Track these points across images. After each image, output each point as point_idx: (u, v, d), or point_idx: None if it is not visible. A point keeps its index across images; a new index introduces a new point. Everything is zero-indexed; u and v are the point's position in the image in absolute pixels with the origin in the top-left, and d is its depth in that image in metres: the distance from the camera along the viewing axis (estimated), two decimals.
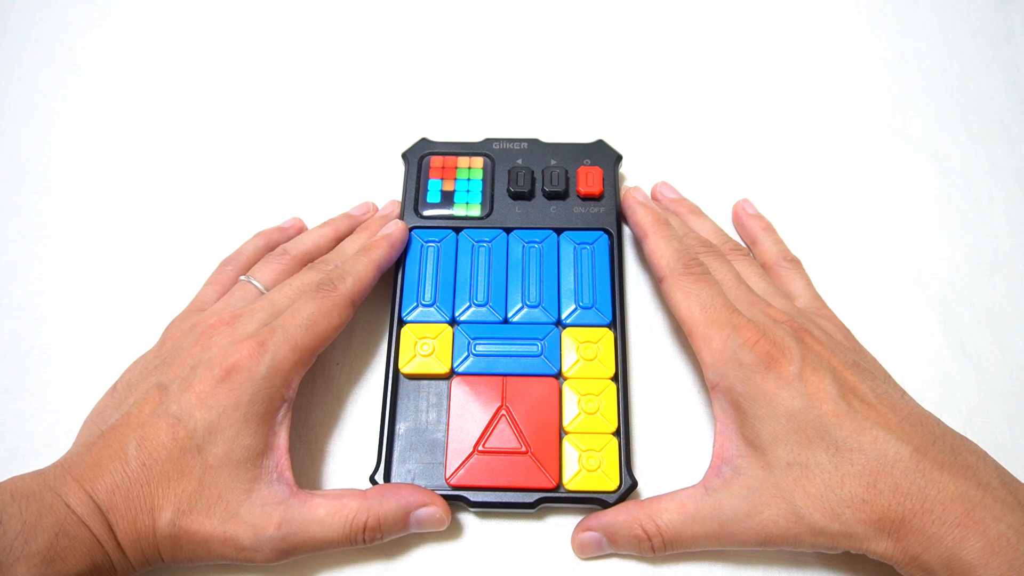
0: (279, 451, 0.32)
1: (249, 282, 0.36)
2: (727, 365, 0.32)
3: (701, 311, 0.33)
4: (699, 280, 0.34)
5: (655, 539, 0.31)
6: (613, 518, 0.32)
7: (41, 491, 0.29)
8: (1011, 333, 0.39)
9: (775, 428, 0.30)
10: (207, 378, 0.31)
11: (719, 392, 0.32)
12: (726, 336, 0.32)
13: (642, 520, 0.31)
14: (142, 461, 0.29)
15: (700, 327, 0.33)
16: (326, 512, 0.31)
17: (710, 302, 0.33)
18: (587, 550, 0.33)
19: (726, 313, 0.33)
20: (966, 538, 0.27)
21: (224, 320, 0.33)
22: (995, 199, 0.43)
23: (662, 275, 0.35)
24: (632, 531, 0.32)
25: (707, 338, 0.32)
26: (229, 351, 0.31)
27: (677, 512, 0.31)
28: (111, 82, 0.48)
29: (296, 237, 0.40)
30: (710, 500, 0.31)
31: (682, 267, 0.34)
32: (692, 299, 0.33)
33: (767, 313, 0.33)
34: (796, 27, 0.50)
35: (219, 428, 0.30)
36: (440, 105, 0.47)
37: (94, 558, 0.28)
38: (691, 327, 0.33)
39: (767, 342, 0.31)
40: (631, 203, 0.39)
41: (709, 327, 0.32)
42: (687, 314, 0.33)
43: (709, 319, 0.33)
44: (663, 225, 0.37)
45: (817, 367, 0.31)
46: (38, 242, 0.43)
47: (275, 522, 0.30)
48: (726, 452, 0.32)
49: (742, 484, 0.31)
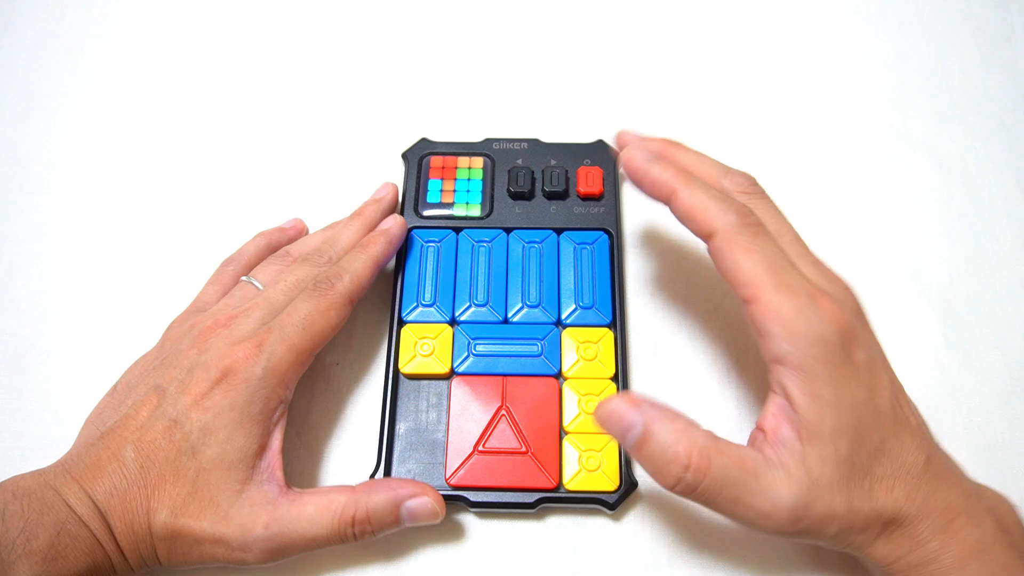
0: (273, 451, 0.32)
1: (250, 283, 0.36)
2: (803, 339, 0.27)
3: (769, 272, 0.28)
4: (759, 234, 0.29)
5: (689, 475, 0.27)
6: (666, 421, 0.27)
7: (42, 490, 0.29)
8: (1011, 333, 0.39)
9: (840, 419, 0.27)
10: (203, 380, 0.31)
11: (788, 367, 0.28)
12: (802, 305, 0.27)
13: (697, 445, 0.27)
14: (139, 463, 0.30)
15: (768, 292, 0.28)
16: (314, 509, 0.31)
17: (777, 262, 0.28)
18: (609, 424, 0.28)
19: (797, 277, 0.28)
20: (948, 543, 0.27)
21: (221, 321, 0.33)
22: (995, 199, 0.43)
23: (711, 230, 0.30)
24: (674, 448, 0.27)
25: (777, 305, 0.27)
26: (226, 353, 0.31)
27: (734, 467, 0.27)
28: (111, 82, 0.48)
29: (299, 239, 0.40)
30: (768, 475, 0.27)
31: (736, 218, 0.29)
32: (756, 257, 0.28)
33: (827, 277, 0.30)
34: (796, 27, 0.50)
35: (214, 430, 0.30)
36: (440, 105, 0.47)
37: (94, 558, 0.28)
38: (756, 290, 0.28)
39: (845, 319, 0.28)
40: (639, 164, 0.32)
41: (779, 291, 0.28)
42: (750, 274, 0.28)
43: (779, 282, 0.28)
44: (691, 176, 0.31)
45: (876, 356, 0.29)
46: (38, 242, 0.43)
47: (263, 522, 0.30)
48: (783, 433, 0.28)
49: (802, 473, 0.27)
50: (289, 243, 0.40)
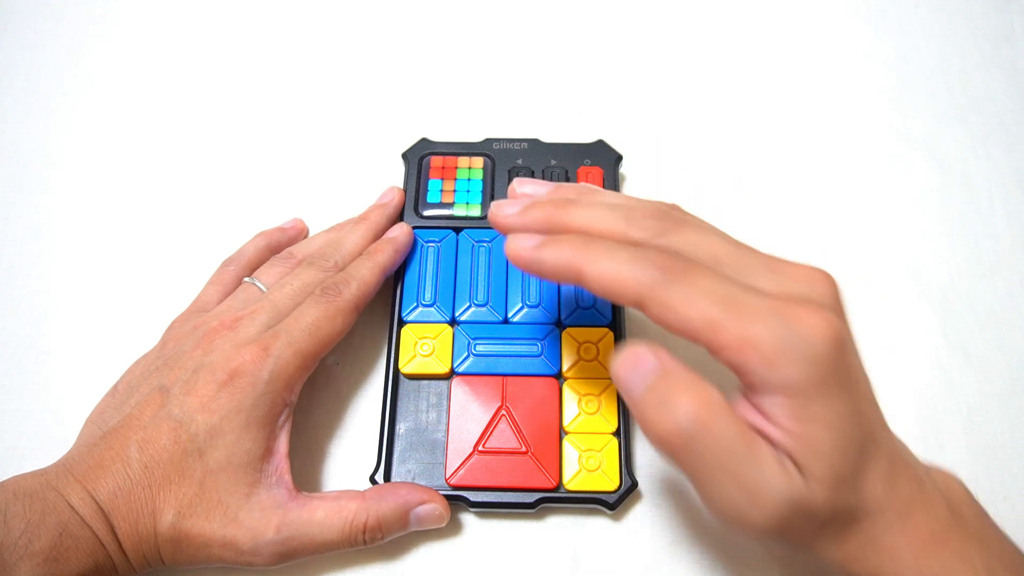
0: (279, 455, 0.32)
1: (253, 284, 0.36)
2: (790, 365, 0.24)
3: (722, 311, 0.24)
4: (690, 278, 0.25)
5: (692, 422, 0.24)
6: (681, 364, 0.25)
7: (44, 491, 0.29)
8: (1011, 333, 0.39)
9: (841, 437, 0.25)
10: (209, 382, 0.31)
11: (772, 395, 0.25)
12: (775, 328, 0.24)
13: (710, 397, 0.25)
14: (144, 464, 0.30)
15: (731, 330, 0.24)
16: (325, 514, 0.31)
17: (726, 295, 0.25)
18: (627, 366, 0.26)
19: (756, 300, 0.25)
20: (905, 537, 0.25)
21: (226, 323, 0.33)
22: (995, 199, 0.43)
23: (639, 297, 0.26)
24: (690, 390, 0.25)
25: (747, 339, 0.24)
26: (232, 355, 0.31)
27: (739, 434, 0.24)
28: (111, 82, 0.48)
29: (302, 241, 0.40)
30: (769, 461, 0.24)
31: (659, 274, 0.25)
32: (700, 303, 0.25)
33: (793, 277, 0.27)
34: (796, 27, 0.50)
35: (221, 432, 0.30)
36: (440, 105, 0.47)
37: (96, 559, 0.28)
38: (717, 335, 0.24)
39: (832, 327, 0.24)
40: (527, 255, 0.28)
41: (743, 324, 0.24)
42: (703, 324, 0.25)
43: (739, 316, 0.24)
44: (590, 244, 0.27)
45: (857, 359, 0.26)
46: (38, 242, 0.43)
47: (274, 525, 0.30)
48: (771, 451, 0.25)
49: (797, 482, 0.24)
50: (290, 243, 0.40)
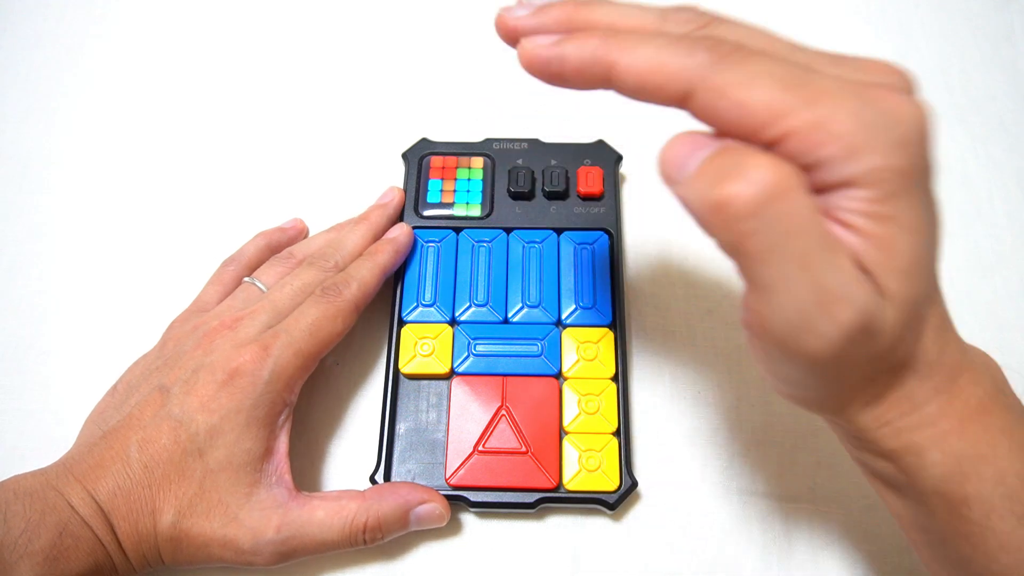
0: (279, 455, 0.32)
1: (253, 284, 0.36)
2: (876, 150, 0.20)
3: (787, 91, 0.20)
4: (747, 59, 0.21)
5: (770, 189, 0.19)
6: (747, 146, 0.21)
7: (44, 490, 0.29)
8: (1011, 333, 0.39)
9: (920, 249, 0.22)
10: (209, 382, 0.31)
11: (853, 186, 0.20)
12: (855, 109, 0.20)
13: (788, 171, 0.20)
14: (143, 463, 0.30)
15: (800, 113, 0.20)
16: (325, 514, 0.31)
17: (789, 75, 0.20)
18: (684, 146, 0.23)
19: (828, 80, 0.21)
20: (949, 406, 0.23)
21: (226, 323, 0.33)
22: (995, 199, 0.43)
23: (685, 86, 0.22)
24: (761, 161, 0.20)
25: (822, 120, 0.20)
26: (232, 355, 0.31)
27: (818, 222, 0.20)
28: (111, 82, 0.48)
29: (302, 241, 0.40)
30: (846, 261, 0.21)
31: (708, 55, 0.21)
32: (760, 83, 0.20)
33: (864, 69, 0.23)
34: (796, 27, 0.49)
35: (221, 432, 0.30)
36: (440, 105, 0.47)
37: (96, 558, 0.28)
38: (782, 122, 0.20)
39: (917, 109, 0.21)
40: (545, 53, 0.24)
41: (817, 105, 0.20)
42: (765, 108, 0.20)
43: (810, 95, 0.20)
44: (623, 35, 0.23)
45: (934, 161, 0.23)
46: (38, 242, 0.43)
47: (274, 525, 0.30)
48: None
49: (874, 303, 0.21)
50: (290, 243, 0.40)
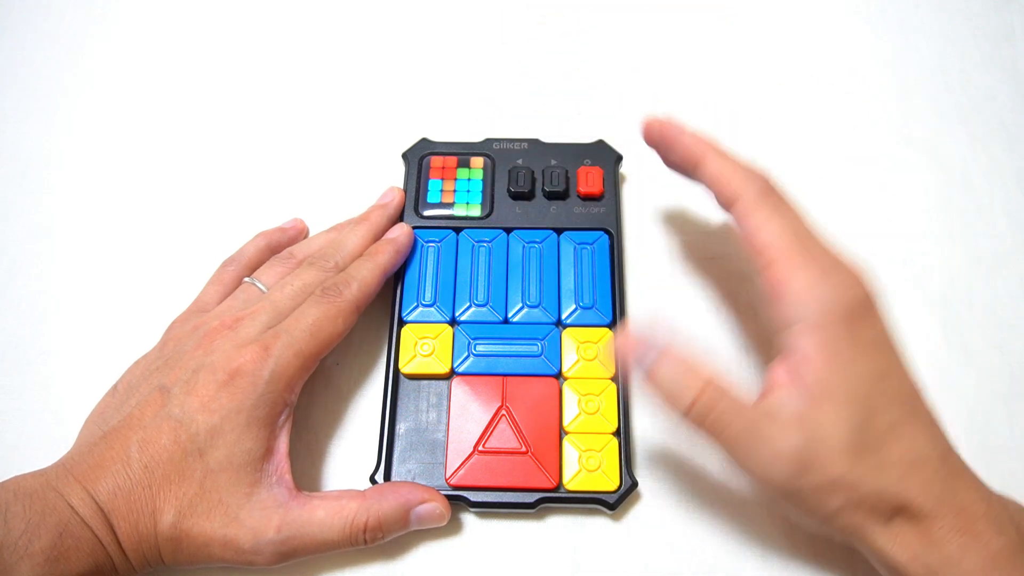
0: (280, 455, 0.32)
1: (253, 284, 0.36)
2: (817, 303, 0.28)
3: (792, 236, 0.29)
4: (781, 204, 0.30)
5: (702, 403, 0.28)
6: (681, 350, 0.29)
7: (44, 491, 0.29)
8: (1011, 333, 0.39)
9: (852, 386, 0.27)
10: (210, 382, 0.31)
11: (801, 329, 0.28)
12: (823, 270, 0.28)
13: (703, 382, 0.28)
14: (144, 463, 0.30)
15: (788, 256, 0.29)
16: (325, 514, 0.31)
17: (799, 228, 0.30)
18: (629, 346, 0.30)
19: (817, 247, 0.29)
20: (969, 548, 0.27)
21: (226, 323, 0.33)
22: (995, 199, 0.43)
23: (736, 196, 0.31)
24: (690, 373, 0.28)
25: (795, 269, 0.28)
26: (232, 355, 0.31)
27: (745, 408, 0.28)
28: (111, 82, 0.48)
29: (302, 241, 0.40)
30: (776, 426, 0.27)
31: (760, 186, 0.30)
32: (777, 224, 0.29)
33: (842, 259, 0.30)
34: (796, 27, 0.50)
35: (221, 432, 0.30)
36: (440, 105, 0.47)
37: (96, 559, 0.28)
38: (776, 252, 0.29)
39: (860, 292, 0.28)
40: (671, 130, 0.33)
41: (801, 255, 0.29)
42: (770, 240, 0.29)
43: (800, 248, 0.29)
44: (718, 147, 0.33)
45: (887, 335, 0.29)
46: (38, 242, 0.43)
47: (275, 525, 0.30)
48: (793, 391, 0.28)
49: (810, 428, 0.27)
50: (290, 243, 0.40)
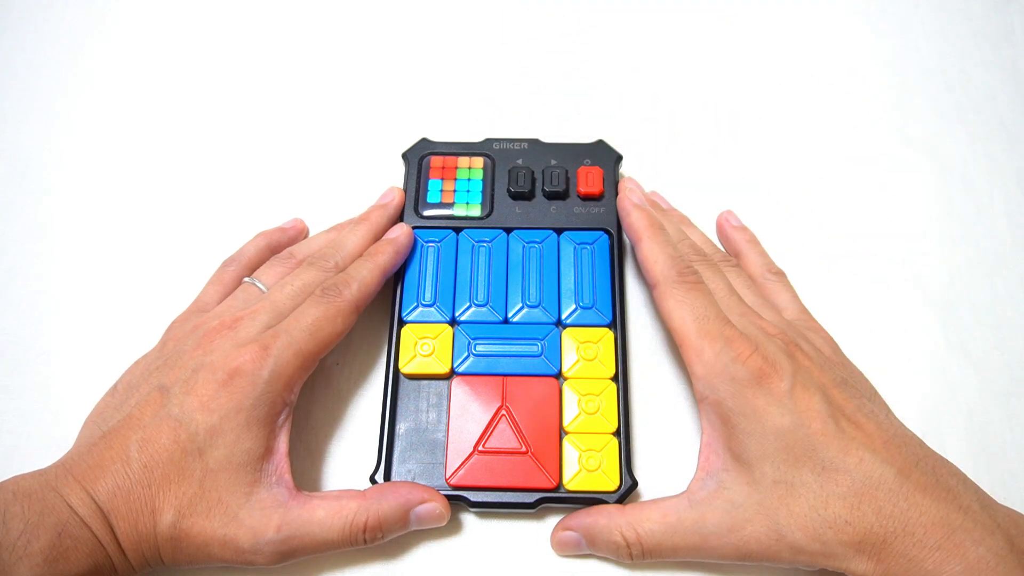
0: (279, 454, 0.32)
1: (253, 284, 0.36)
2: (718, 378, 0.31)
3: (694, 321, 0.32)
4: (692, 289, 0.33)
5: (634, 547, 0.31)
6: (595, 521, 0.32)
7: (43, 491, 0.29)
8: (1011, 333, 0.39)
9: (763, 445, 0.30)
10: (209, 381, 0.31)
11: (708, 405, 0.32)
12: (718, 349, 0.31)
13: (623, 527, 0.31)
14: (143, 463, 0.29)
15: (692, 338, 0.32)
16: (325, 514, 0.31)
17: (703, 312, 0.32)
18: (565, 548, 0.33)
19: (719, 324, 0.32)
20: (946, 561, 0.27)
21: (226, 323, 0.33)
22: (995, 199, 0.43)
23: (655, 281, 0.34)
24: (612, 537, 0.31)
25: (699, 350, 0.32)
26: (232, 355, 0.31)
27: (659, 522, 0.31)
28: (111, 83, 0.48)
29: (302, 241, 0.40)
30: (693, 512, 0.31)
31: (676, 274, 0.34)
32: (685, 308, 0.33)
33: (759, 326, 0.33)
34: (796, 27, 0.50)
35: (220, 431, 0.30)
36: (440, 105, 0.47)
37: (95, 559, 0.28)
38: (682, 337, 0.32)
39: (759, 357, 0.31)
40: (626, 206, 0.38)
41: (701, 338, 0.32)
42: (679, 324, 0.33)
43: (701, 330, 0.32)
44: (658, 230, 0.36)
45: (807, 385, 0.31)
46: (38, 242, 0.43)
47: (275, 525, 0.30)
48: (711, 465, 0.31)
49: (726, 498, 0.30)
50: (290, 243, 0.40)
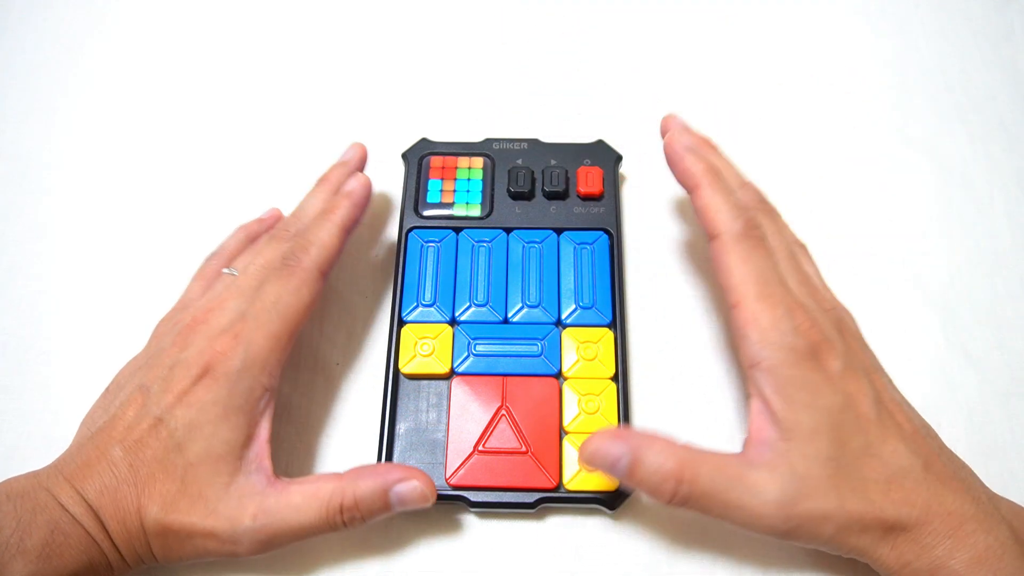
0: (260, 441, 0.31)
1: (229, 274, 0.36)
2: (775, 346, 0.29)
3: (755, 282, 0.30)
4: (757, 247, 0.31)
5: (683, 486, 0.28)
6: (650, 444, 0.29)
7: (35, 490, 0.29)
8: (1011, 334, 0.39)
9: (817, 420, 0.29)
10: (185, 377, 0.31)
11: (760, 371, 0.30)
12: (779, 315, 0.30)
13: (683, 460, 0.29)
14: (128, 463, 0.30)
15: (751, 300, 0.30)
16: (302, 498, 0.30)
17: (765, 274, 0.31)
18: (598, 461, 0.30)
19: (780, 290, 0.31)
20: (956, 549, 0.27)
21: (199, 318, 0.33)
22: (995, 199, 0.43)
23: (716, 232, 0.32)
24: (665, 466, 0.28)
25: (756, 313, 0.30)
26: (204, 348, 0.31)
27: (719, 471, 0.29)
28: (111, 82, 0.48)
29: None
30: (754, 475, 0.29)
31: (741, 228, 0.32)
32: (748, 267, 0.31)
33: (814, 298, 0.32)
34: (796, 27, 0.50)
35: (198, 425, 0.30)
36: (440, 105, 0.47)
37: (90, 555, 0.29)
38: (740, 296, 0.30)
39: (818, 331, 0.30)
40: (678, 149, 0.34)
41: (761, 301, 0.30)
42: (739, 282, 0.31)
43: (763, 293, 0.30)
44: (717, 176, 0.33)
45: (855, 367, 0.30)
46: (38, 242, 0.43)
47: (251, 513, 0.30)
48: (765, 434, 0.30)
49: (786, 469, 0.29)
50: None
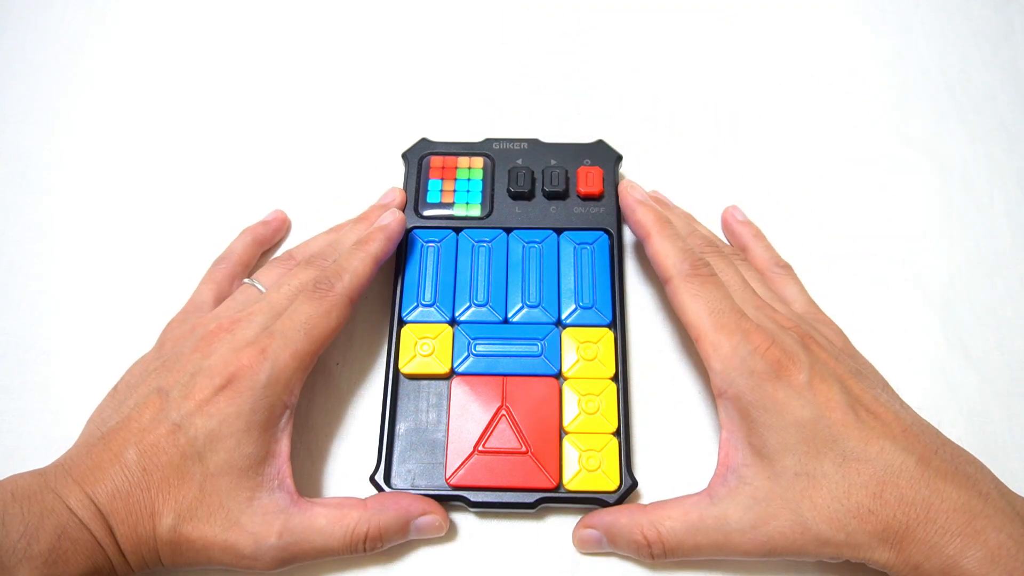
0: (281, 458, 0.32)
1: (253, 285, 0.36)
2: (736, 372, 0.31)
3: (709, 315, 0.32)
4: (706, 282, 0.33)
5: (655, 546, 0.31)
6: (615, 519, 0.32)
7: (42, 492, 0.28)
8: (1011, 333, 0.39)
9: (784, 437, 0.30)
10: (207, 386, 0.31)
11: (727, 399, 0.31)
12: (736, 342, 0.31)
13: (644, 526, 0.31)
14: (142, 466, 0.29)
15: (708, 332, 0.32)
16: (327, 522, 0.31)
17: (718, 305, 0.32)
18: (587, 546, 0.33)
19: (735, 318, 0.32)
20: (967, 547, 0.27)
21: (224, 326, 0.33)
22: (995, 199, 0.43)
23: (668, 276, 0.34)
24: (633, 536, 0.31)
25: (716, 344, 0.31)
26: (229, 359, 0.31)
27: (680, 520, 0.31)
28: (111, 82, 0.48)
29: (302, 243, 0.40)
30: (715, 509, 0.30)
31: (689, 268, 0.33)
32: (700, 302, 0.32)
33: (773, 319, 0.33)
34: (796, 27, 0.50)
35: (220, 436, 0.30)
36: (440, 105, 0.47)
37: (95, 561, 0.28)
38: (699, 331, 0.32)
39: (777, 349, 0.31)
40: (630, 202, 0.37)
41: (718, 332, 0.31)
42: (695, 318, 0.32)
43: (718, 323, 0.32)
44: (666, 224, 0.36)
45: (825, 376, 0.31)
46: (38, 242, 0.43)
47: (276, 531, 0.30)
48: (732, 460, 0.31)
49: (748, 494, 0.30)
50: (273, 235, 0.41)
